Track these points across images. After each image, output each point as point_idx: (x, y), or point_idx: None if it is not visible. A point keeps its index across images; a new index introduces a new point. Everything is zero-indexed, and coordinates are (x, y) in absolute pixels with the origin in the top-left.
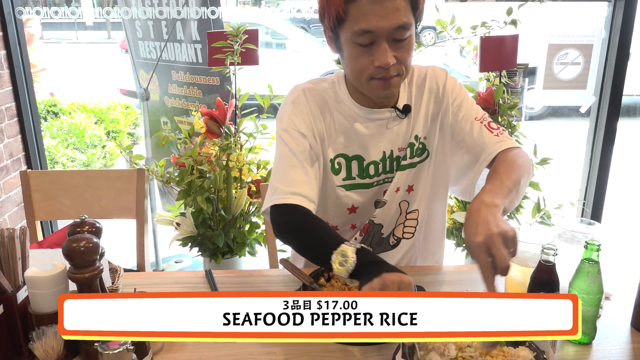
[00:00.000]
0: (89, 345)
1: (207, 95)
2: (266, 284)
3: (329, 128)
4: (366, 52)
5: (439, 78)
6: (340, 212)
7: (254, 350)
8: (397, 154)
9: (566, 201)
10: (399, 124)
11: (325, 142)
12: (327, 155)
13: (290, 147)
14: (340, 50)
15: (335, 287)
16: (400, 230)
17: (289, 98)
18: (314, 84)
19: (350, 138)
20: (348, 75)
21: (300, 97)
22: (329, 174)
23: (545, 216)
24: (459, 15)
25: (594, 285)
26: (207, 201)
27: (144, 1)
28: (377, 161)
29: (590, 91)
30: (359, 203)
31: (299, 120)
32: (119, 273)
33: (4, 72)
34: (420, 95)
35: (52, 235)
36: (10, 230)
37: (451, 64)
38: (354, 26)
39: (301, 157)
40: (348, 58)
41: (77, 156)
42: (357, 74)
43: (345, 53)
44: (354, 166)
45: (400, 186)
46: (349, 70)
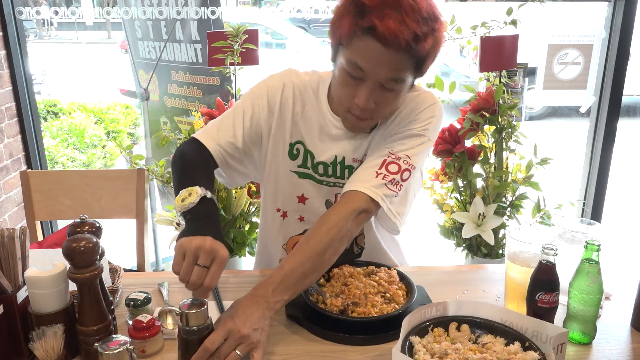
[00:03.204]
0: (89, 345)
1: (207, 95)
2: None
3: (297, 115)
4: (352, 84)
5: (419, 106)
6: (290, 197)
7: None
8: (351, 164)
9: (566, 201)
10: (363, 136)
11: (287, 124)
12: (287, 138)
13: (236, 105)
14: (334, 65)
15: (335, 287)
16: (362, 240)
17: (276, 73)
18: (308, 74)
19: (312, 132)
20: (332, 94)
21: (279, 77)
22: (285, 156)
23: (545, 216)
24: (459, 15)
25: (594, 285)
26: None
27: (143, 1)
28: (327, 163)
29: (590, 91)
30: (308, 194)
31: (263, 93)
32: (119, 273)
33: (4, 72)
34: (391, 116)
35: (52, 235)
36: (10, 230)
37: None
38: (351, 57)
39: (240, 116)
40: (336, 80)
41: (77, 156)
42: (339, 100)
43: (336, 73)
44: (308, 158)
45: None
46: (333, 90)
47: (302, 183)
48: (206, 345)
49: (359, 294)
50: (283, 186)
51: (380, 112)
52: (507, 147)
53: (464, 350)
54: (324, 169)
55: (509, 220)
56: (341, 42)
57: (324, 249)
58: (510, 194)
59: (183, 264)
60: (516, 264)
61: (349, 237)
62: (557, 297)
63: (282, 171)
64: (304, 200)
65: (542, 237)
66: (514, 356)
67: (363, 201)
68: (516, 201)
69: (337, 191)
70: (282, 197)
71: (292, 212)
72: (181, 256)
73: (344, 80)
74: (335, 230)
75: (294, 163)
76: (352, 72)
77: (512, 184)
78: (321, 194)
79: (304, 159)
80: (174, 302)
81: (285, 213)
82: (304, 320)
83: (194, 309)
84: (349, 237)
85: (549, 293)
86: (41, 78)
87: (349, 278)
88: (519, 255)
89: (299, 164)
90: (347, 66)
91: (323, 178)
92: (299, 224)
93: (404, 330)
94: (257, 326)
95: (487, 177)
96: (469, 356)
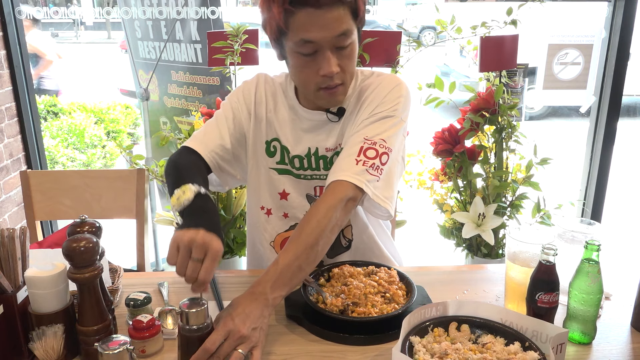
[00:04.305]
0: (89, 345)
1: (207, 95)
2: None
3: (270, 113)
4: (310, 61)
5: (384, 87)
6: (272, 194)
7: None
8: (324, 154)
9: (566, 201)
10: (333, 125)
11: (262, 124)
12: (263, 137)
13: (217, 114)
14: (286, 59)
15: (335, 287)
16: (350, 232)
17: (248, 79)
18: (277, 76)
19: (285, 127)
20: (295, 84)
21: (252, 81)
22: (263, 154)
23: (545, 216)
24: (459, 15)
25: (594, 285)
26: None
27: (143, 1)
28: (302, 156)
29: (590, 91)
30: (289, 189)
31: (239, 97)
32: (119, 273)
33: (4, 72)
34: (358, 103)
35: (52, 235)
36: (10, 230)
37: (451, 64)
38: (296, 37)
39: (223, 121)
40: (293, 68)
41: (77, 156)
42: (304, 84)
43: (290, 63)
44: (285, 153)
45: None
46: (296, 80)
47: (282, 179)
48: (206, 345)
49: (359, 294)
50: (265, 183)
51: (347, 72)
52: (507, 147)
53: (464, 350)
54: (299, 163)
55: (509, 220)
56: (281, 29)
57: (316, 241)
58: (510, 194)
59: (178, 258)
60: (516, 264)
61: (339, 226)
62: (557, 297)
63: (262, 169)
64: (285, 196)
65: (542, 237)
66: (514, 356)
67: (348, 189)
68: (516, 201)
69: (315, 184)
70: (265, 195)
71: (275, 209)
72: (175, 249)
73: (302, 63)
74: (325, 222)
75: (272, 160)
76: (304, 50)
77: (512, 184)
78: (301, 188)
79: (281, 155)
80: (174, 302)
81: (270, 210)
82: (304, 320)
83: (194, 308)
84: (339, 226)
85: (549, 293)
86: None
87: (349, 278)
88: (519, 255)
89: (277, 161)
90: (298, 47)
91: (300, 172)
92: (283, 220)
93: (404, 330)
94: (256, 325)
95: (487, 177)
96: (469, 356)
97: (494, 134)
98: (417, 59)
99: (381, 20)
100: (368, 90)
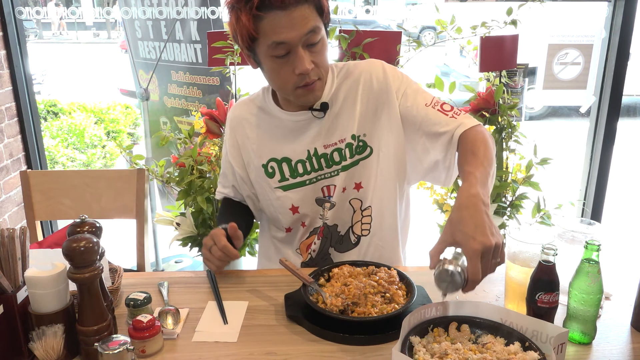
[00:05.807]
0: (89, 345)
1: (207, 95)
2: (266, 284)
3: (254, 142)
4: (285, 62)
5: (373, 73)
6: (284, 212)
7: (253, 350)
8: (324, 151)
9: (566, 201)
10: (320, 121)
11: (253, 155)
12: (259, 163)
13: (222, 159)
14: (260, 65)
15: (335, 287)
16: (359, 228)
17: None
18: (250, 96)
19: (277, 142)
20: (274, 87)
21: (227, 130)
22: (265, 178)
23: (545, 216)
24: (459, 15)
25: (594, 285)
26: (207, 201)
27: (143, 1)
28: (304, 160)
29: (590, 91)
30: (298, 202)
31: (227, 144)
32: (119, 273)
33: (4, 72)
34: (353, 95)
35: (52, 235)
36: (10, 230)
37: (451, 64)
38: (268, 40)
39: (227, 163)
40: (269, 72)
41: (77, 156)
42: (282, 86)
43: (265, 67)
44: (285, 168)
45: (345, 186)
46: (273, 84)
47: (289, 195)
48: (474, 278)
49: (359, 294)
50: (276, 205)
51: (322, 67)
52: (507, 147)
53: (464, 350)
54: (303, 168)
55: (509, 220)
56: (252, 36)
57: (491, 160)
58: (510, 194)
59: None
60: (516, 264)
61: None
62: (557, 297)
63: (268, 192)
64: (295, 209)
65: (542, 237)
66: (514, 356)
67: (473, 128)
68: (516, 201)
69: (321, 185)
70: (278, 216)
71: (292, 224)
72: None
73: (276, 66)
74: (492, 144)
75: (274, 180)
76: (277, 52)
77: (512, 184)
78: (308, 195)
79: (280, 172)
80: (174, 302)
81: (289, 228)
82: (304, 320)
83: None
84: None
85: (549, 293)
86: (41, 78)
87: (349, 278)
88: (519, 255)
89: (279, 179)
90: (271, 50)
91: (305, 177)
92: (302, 229)
93: (404, 330)
94: (493, 228)
95: None
96: (469, 356)
97: (494, 134)
98: (417, 59)
99: (381, 20)
100: (365, 78)
